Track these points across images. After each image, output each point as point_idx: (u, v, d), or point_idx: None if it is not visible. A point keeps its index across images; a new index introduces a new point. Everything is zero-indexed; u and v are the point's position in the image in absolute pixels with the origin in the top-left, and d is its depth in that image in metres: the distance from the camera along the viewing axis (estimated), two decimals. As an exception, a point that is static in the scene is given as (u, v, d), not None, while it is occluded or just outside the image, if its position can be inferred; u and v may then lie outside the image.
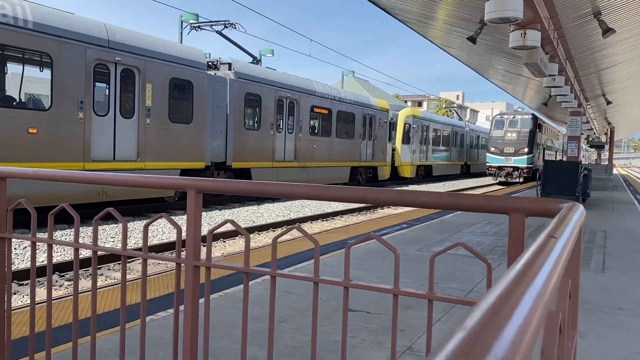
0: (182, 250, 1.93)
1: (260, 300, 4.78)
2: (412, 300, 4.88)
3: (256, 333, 3.94)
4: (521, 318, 0.34)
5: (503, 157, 32.13)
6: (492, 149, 32.83)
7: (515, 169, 31.82)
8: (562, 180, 13.83)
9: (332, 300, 4.84)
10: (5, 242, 2.32)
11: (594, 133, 39.69)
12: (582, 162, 17.81)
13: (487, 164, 33.08)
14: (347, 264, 1.62)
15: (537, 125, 32.78)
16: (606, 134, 41.20)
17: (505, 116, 33.58)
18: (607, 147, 40.77)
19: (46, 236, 2.38)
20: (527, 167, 31.54)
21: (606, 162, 38.67)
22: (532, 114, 32.58)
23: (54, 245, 2.81)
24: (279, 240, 1.84)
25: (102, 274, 7.50)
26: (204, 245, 1.80)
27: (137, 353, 3.36)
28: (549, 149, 38.74)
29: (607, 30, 8.89)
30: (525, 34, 8.36)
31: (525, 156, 31.69)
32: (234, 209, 14.97)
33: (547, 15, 8.86)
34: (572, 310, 1.10)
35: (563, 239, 0.68)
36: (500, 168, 32.25)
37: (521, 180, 31.55)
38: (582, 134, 27.53)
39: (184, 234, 3.36)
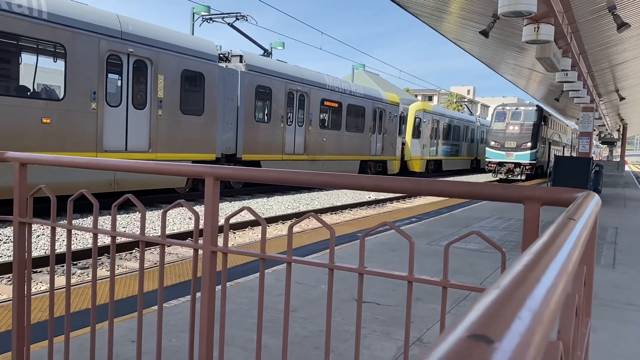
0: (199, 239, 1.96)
1: (271, 290, 4.83)
2: (421, 292, 4.91)
3: (267, 322, 3.99)
4: (550, 280, 0.37)
5: (504, 152, 29.69)
6: (492, 142, 30.38)
7: (517, 165, 29.45)
8: (573, 176, 13.76)
9: (342, 292, 4.88)
10: (26, 227, 2.37)
11: (606, 129, 39.35)
12: (594, 159, 17.66)
13: (486, 159, 30.68)
14: (362, 251, 1.65)
15: (542, 117, 30.26)
16: (618, 130, 40.83)
17: (508, 107, 30.96)
18: (619, 143, 40.40)
19: (63, 223, 2.43)
20: (530, 164, 29.11)
21: (618, 159, 38.35)
22: (537, 106, 30.12)
23: (59, 237, 2.88)
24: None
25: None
26: (220, 235, 1.83)
27: (151, 339, 3.42)
28: (555, 144, 36.23)
29: (621, 25, 8.80)
30: (538, 28, 8.31)
31: (529, 151, 29.18)
32: (243, 201, 15.04)
33: (561, 9, 8.80)
34: (587, 297, 1.12)
35: (582, 222, 0.70)
36: (500, 164, 29.88)
37: (523, 177, 29.64)
38: (594, 130, 27.09)
39: (200, 223, 3.40)
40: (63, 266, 6.81)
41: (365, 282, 5.07)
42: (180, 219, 11.27)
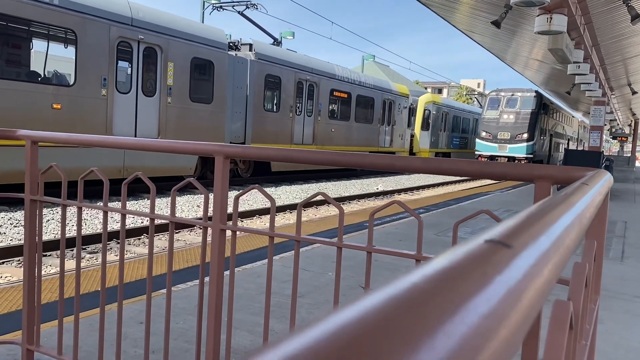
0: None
1: (278, 277, 4.85)
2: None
3: (274, 307, 4.01)
4: (568, 221, 0.37)
5: (496, 144, 26.00)
6: (483, 133, 26.58)
7: (511, 159, 25.25)
8: (583, 170, 13.65)
9: (349, 279, 4.89)
10: (37, 205, 2.39)
11: (618, 124, 38.99)
12: (604, 153, 17.49)
13: (475, 152, 26.92)
14: (371, 230, 1.65)
15: (541, 105, 26.38)
16: (630, 125, 40.46)
17: (502, 93, 27.06)
18: (630, 139, 40.02)
19: (73, 202, 2.44)
20: (526, 158, 25.17)
21: (629, 154, 38.01)
22: (536, 92, 26.25)
23: (69, 221, 2.90)
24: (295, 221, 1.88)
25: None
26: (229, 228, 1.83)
27: (158, 321, 3.45)
28: (558, 137, 32.13)
29: (636, 17, 8.69)
30: (551, 18, 8.22)
31: (525, 143, 25.40)
32: (252, 190, 15.07)
33: (574, -1, 8.70)
34: (596, 273, 1.12)
35: (596, 188, 0.70)
36: (492, 158, 25.67)
37: None
38: (605, 124, 26.65)
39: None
40: (72, 250, 6.87)
41: (372, 270, 5.09)
42: (188, 206, 11.33)
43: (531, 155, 25.38)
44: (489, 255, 0.22)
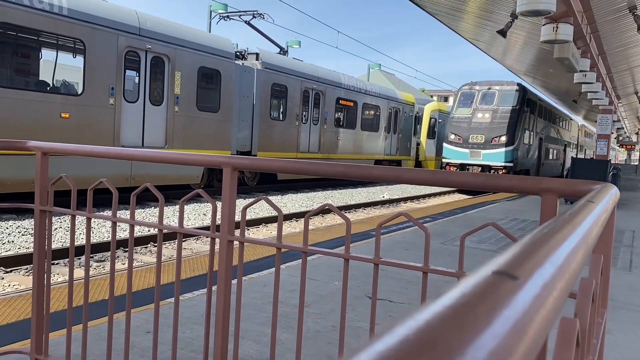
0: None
1: (284, 286, 4.85)
2: (435, 291, 4.90)
3: (280, 316, 4.01)
4: (573, 244, 0.38)
5: (467, 150, 20.97)
6: (452, 136, 21.41)
7: (487, 168, 20.42)
8: (590, 179, 13.59)
9: (355, 289, 4.89)
10: (47, 215, 2.41)
11: (625, 132, 38.83)
12: (611, 162, 17.40)
13: (443, 160, 21.93)
14: (378, 241, 1.66)
15: (525, 101, 21.17)
16: (637, 133, 40.27)
17: (477, 87, 21.77)
18: (638, 147, 39.82)
19: (83, 212, 2.46)
20: (505, 167, 20.16)
21: (636, 163, 37.79)
22: (518, 84, 21.23)
23: (77, 229, 2.93)
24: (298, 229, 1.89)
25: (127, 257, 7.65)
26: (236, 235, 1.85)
27: (165, 331, 3.46)
28: (550, 141, 26.80)
29: (642, 26, 8.69)
30: (557, 27, 8.23)
31: (503, 149, 20.34)
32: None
33: (580, 8, 8.70)
34: (603, 288, 1.12)
35: (601, 205, 0.71)
36: (462, 168, 20.77)
37: None
38: (612, 132, 26.39)
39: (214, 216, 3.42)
40: (79, 258, 6.90)
41: (379, 279, 5.09)
42: (194, 215, 11.35)
43: (511, 164, 20.36)
44: (495, 289, 0.24)
